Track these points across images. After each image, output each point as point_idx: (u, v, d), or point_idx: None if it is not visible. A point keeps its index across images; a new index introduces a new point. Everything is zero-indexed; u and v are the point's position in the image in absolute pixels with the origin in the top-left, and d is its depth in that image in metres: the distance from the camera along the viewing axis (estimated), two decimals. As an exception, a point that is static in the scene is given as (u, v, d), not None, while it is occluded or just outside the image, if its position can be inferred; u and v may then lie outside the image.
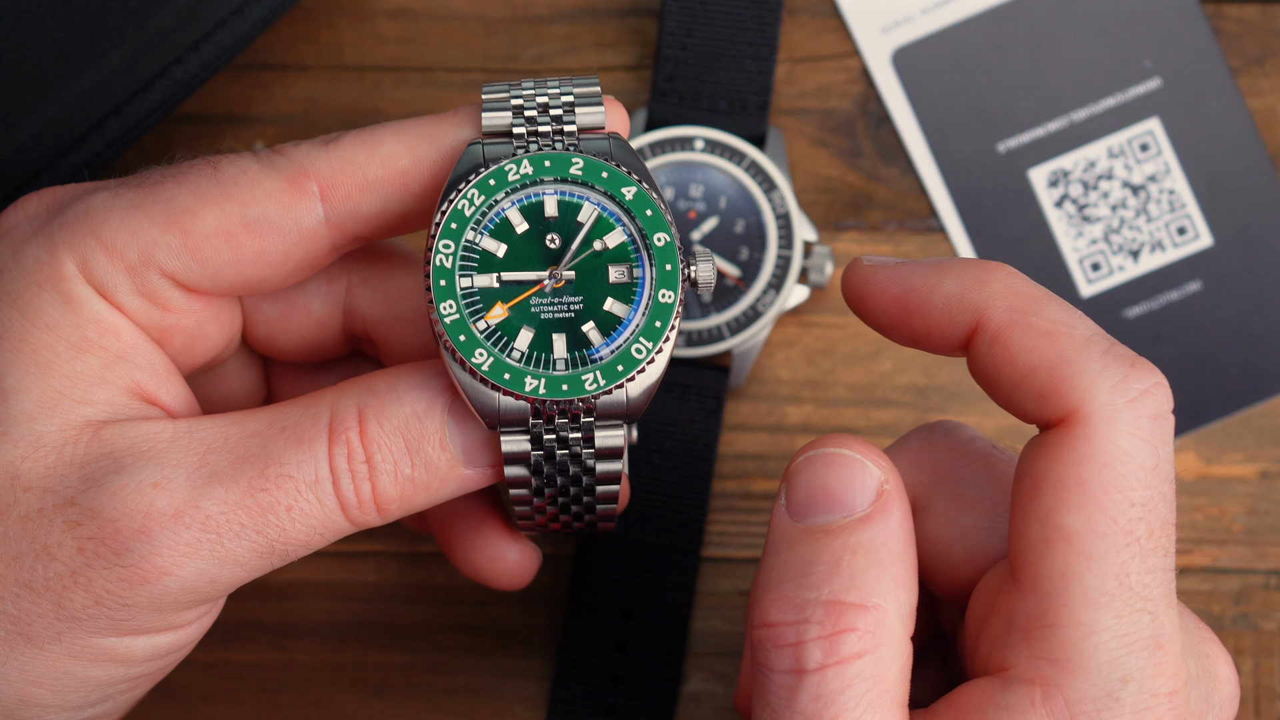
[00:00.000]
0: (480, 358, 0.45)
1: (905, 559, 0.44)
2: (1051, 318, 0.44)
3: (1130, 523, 0.42)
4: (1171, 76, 0.64)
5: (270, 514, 0.45)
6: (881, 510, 0.44)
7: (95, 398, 0.46)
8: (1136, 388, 0.43)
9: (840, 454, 0.45)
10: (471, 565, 0.53)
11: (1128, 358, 0.43)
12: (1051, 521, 0.42)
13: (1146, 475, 0.42)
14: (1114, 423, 0.42)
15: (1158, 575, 0.42)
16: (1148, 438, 0.42)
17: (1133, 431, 0.42)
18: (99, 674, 0.46)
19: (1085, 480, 0.42)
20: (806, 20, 0.64)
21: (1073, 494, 0.42)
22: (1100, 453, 0.42)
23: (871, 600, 0.43)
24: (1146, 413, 0.42)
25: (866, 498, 0.44)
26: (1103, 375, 0.43)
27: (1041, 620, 0.42)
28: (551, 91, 0.47)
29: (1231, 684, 0.45)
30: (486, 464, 0.47)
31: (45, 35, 0.55)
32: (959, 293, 0.45)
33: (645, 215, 0.46)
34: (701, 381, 0.62)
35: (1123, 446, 0.42)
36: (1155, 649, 0.42)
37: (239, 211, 0.46)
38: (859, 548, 0.43)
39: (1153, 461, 0.42)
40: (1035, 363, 0.43)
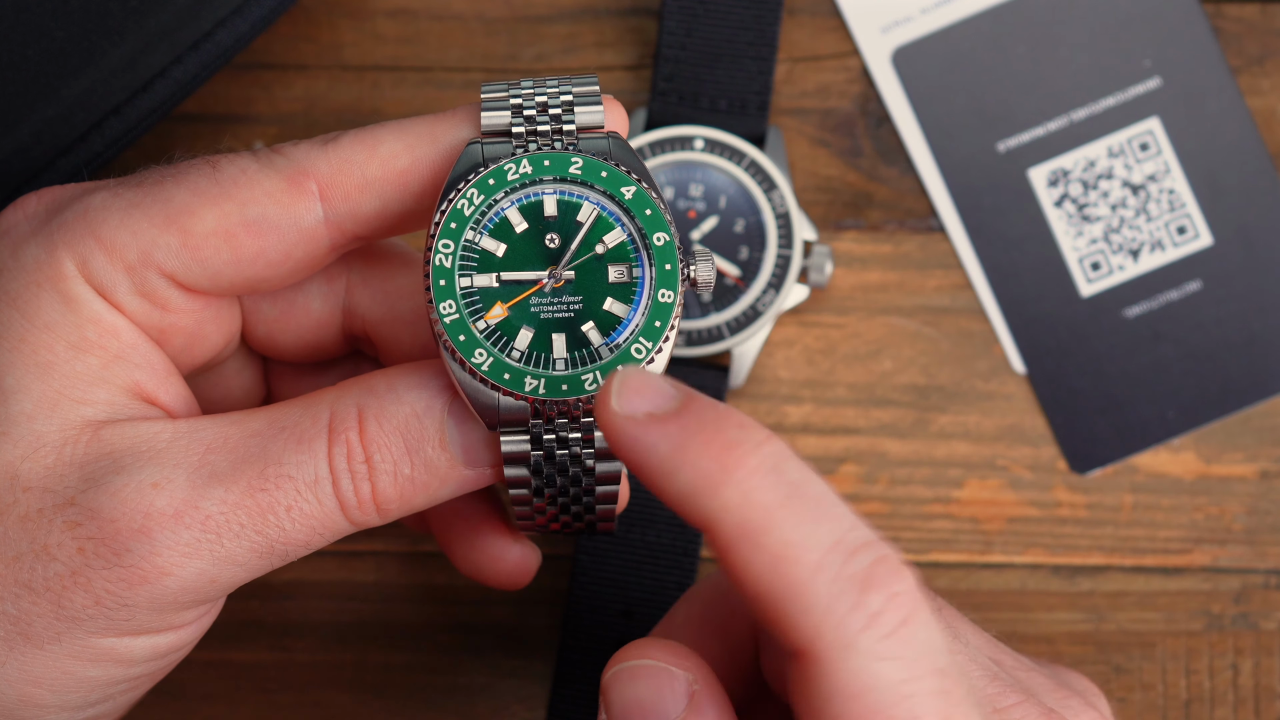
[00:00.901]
0: (480, 357, 0.45)
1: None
2: (781, 539, 0.40)
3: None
4: (1171, 76, 0.64)
5: (270, 514, 0.45)
6: (695, 712, 0.43)
7: (95, 398, 0.46)
8: (868, 612, 0.40)
9: (645, 665, 0.44)
10: (471, 565, 0.53)
11: (858, 579, 0.40)
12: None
13: (900, 690, 0.40)
14: (850, 655, 0.40)
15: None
16: (890, 655, 0.40)
17: (872, 657, 0.40)
18: (99, 674, 0.46)
19: (839, 715, 0.40)
20: (806, 20, 0.64)
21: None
22: (844, 686, 0.40)
23: None
24: (883, 633, 0.40)
25: (679, 704, 0.43)
26: (831, 609, 0.40)
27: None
28: (550, 90, 0.47)
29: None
30: (486, 464, 0.47)
31: (45, 35, 0.55)
32: (689, 493, 0.41)
33: (645, 215, 0.46)
34: (701, 381, 0.62)
35: (866, 674, 0.40)
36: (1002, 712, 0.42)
37: (238, 211, 0.46)
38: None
39: (903, 674, 0.40)
40: (763, 591, 0.40)
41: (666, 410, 0.42)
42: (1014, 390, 0.63)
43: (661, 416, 0.41)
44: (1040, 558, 0.63)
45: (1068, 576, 0.63)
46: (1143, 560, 0.63)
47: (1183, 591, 0.63)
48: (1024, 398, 0.63)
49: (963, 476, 0.63)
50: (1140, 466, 0.63)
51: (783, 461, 0.41)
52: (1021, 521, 0.63)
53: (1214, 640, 0.62)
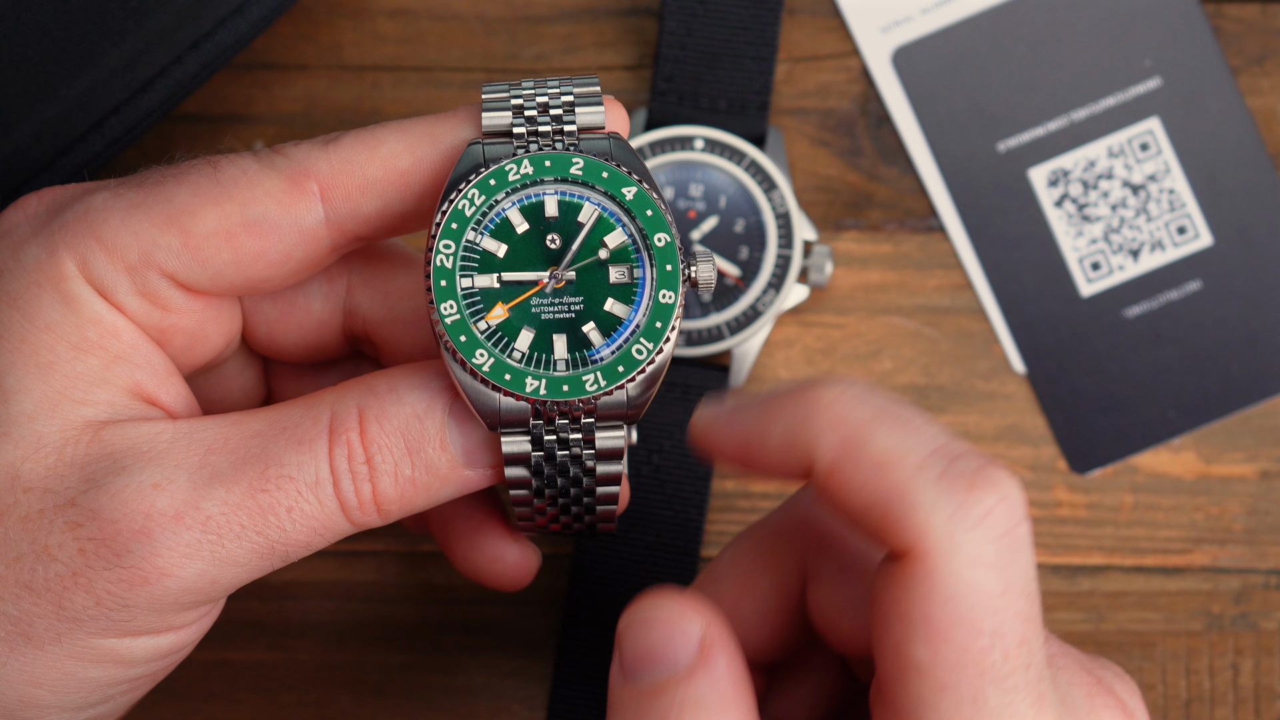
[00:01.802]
0: (481, 358, 0.45)
1: (736, 704, 0.43)
2: (882, 446, 0.42)
3: (981, 652, 0.41)
4: (1171, 76, 0.64)
5: (271, 515, 0.45)
6: (704, 661, 0.43)
7: (96, 398, 0.46)
8: (976, 513, 0.41)
9: (658, 614, 0.44)
10: (471, 565, 0.53)
11: (966, 478, 0.41)
12: (902, 654, 0.41)
13: (994, 602, 0.41)
14: (954, 555, 0.41)
15: (1020, 692, 0.41)
16: (992, 563, 0.41)
17: (975, 561, 0.41)
18: (99, 675, 0.46)
19: (930, 615, 0.41)
20: (806, 20, 0.64)
21: (919, 629, 0.41)
22: (942, 588, 0.41)
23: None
24: (990, 536, 0.41)
25: (689, 651, 0.43)
26: (937, 507, 0.41)
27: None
28: (551, 91, 0.47)
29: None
30: (487, 465, 0.47)
31: (45, 35, 0.55)
32: (788, 436, 0.43)
33: (645, 215, 0.46)
34: (701, 381, 0.62)
35: (965, 579, 0.41)
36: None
37: (239, 211, 0.46)
38: (685, 703, 0.43)
39: (1000, 586, 0.41)
40: (868, 500, 0.41)
41: (749, 403, 0.44)
42: (1014, 390, 0.63)
43: (745, 405, 0.44)
44: (1040, 557, 0.63)
45: (1068, 576, 0.63)
46: (1143, 560, 0.63)
47: (1183, 591, 0.63)
48: (1024, 398, 0.63)
49: (963, 476, 0.63)
50: (1140, 466, 0.63)
51: (865, 389, 0.43)
52: (1021, 521, 0.63)
53: (1214, 640, 0.63)
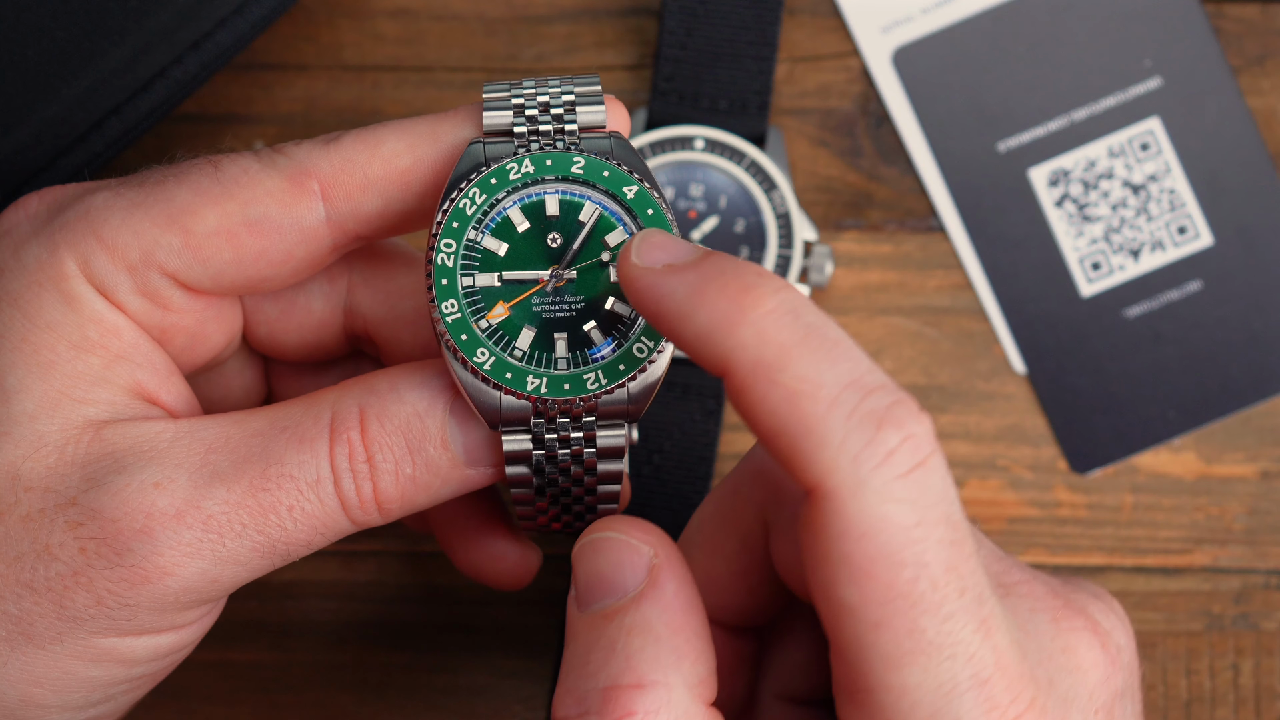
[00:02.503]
0: (482, 357, 0.45)
1: (685, 628, 0.43)
2: (796, 374, 0.40)
3: (906, 584, 0.40)
4: (1171, 76, 0.64)
5: (272, 514, 0.45)
6: (652, 585, 0.43)
7: (96, 397, 0.46)
8: (882, 450, 0.40)
9: (607, 537, 0.44)
10: (472, 565, 0.53)
11: (875, 415, 0.40)
12: (832, 597, 0.41)
13: (909, 534, 0.40)
14: (861, 493, 0.40)
15: (958, 619, 0.40)
16: (902, 497, 0.40)
17: (884, 496, 0.40)
18: (100, 674, 0.46)
19: (848, 554, 0.40)
20: (806, 20, 0.64)
21: (841, 570, 0.40)
22: (854, 525, 0.40)
23: (650, 678, 0.42)
24: (896, 472, 0.40)
25: (637, 576, 0.43)
26: (844, 444, 0.40)
27: (856, 685, 0.41)
28: (552, 90, 0.47)
29: (1100, 666, 0.44)
30: (488, 463, 0.47)
31: (45, 35, 0.55)
32: (706, 332, 0.41)
33: (646, 214, 0.46)
34: (701, 381, 0.62)
35: (876, 514, 0.40)
36: (979, 686, 0.41)
37: (240, 211, 0.46)
38: (633, 627, 0.43)
39: (913, 519, 0.40)
40: (778, 427, 0.40)
41: (685, 261, 0.42)
42: (1014, 390, 0.63)
43: (679, 266, 0.42)
44: (1041, 558, 0.63)
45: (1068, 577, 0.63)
46: (1143, 560, 0.63)
47: (1183, 592, 0.63)
48: (1024, 398, 0.63)
49: (963, 476, 0.63)
50: (1140, 466, 0.63)
51: (800, 305, 0.41)
52: (1022, 521, 0.63)
53: (1214, 640, 0.63)
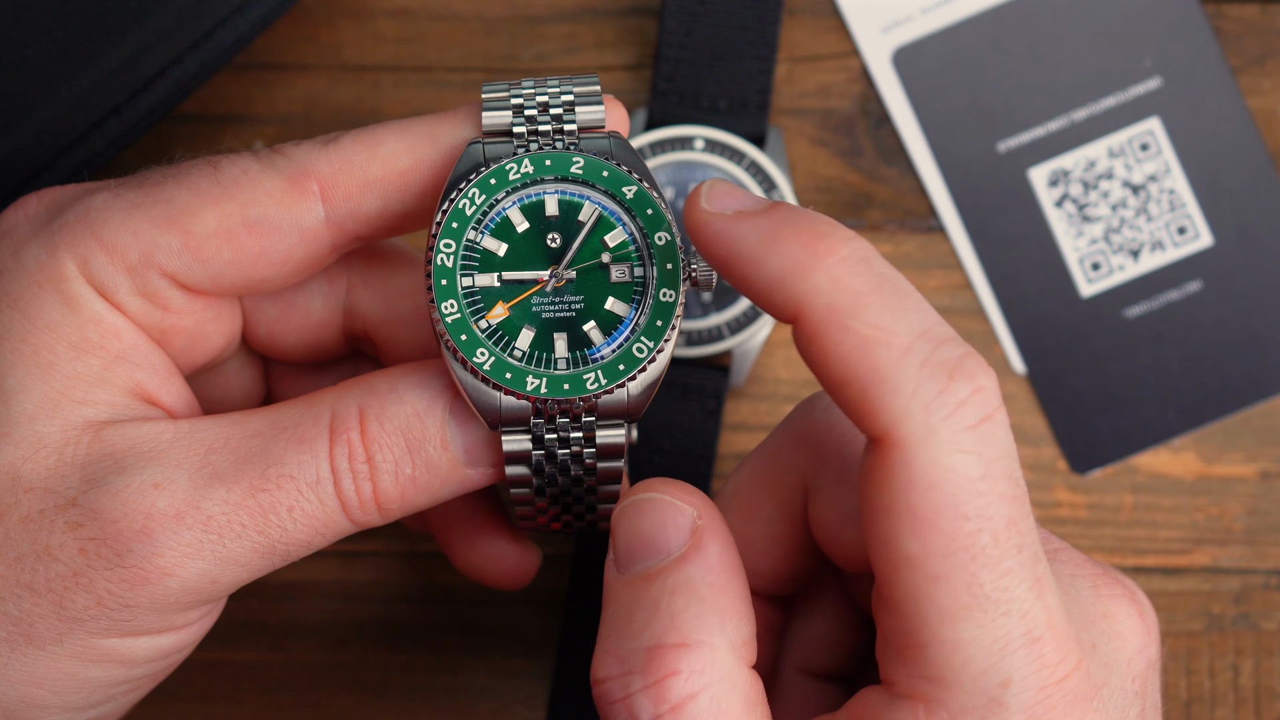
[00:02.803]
0: (482, 357, 0.45)
1: (729, 590, 0.43)
2: (870, 322, 0.41)
3: (969, 536, 0.40)
4: (1171, 76, 0.64)
5: (271, 514, 0.45)
6: (696, 547, 0.43)
7: (96, 398, 0.46)
8: (953, 400, 0.41)
9: (650, 498, 0.44)
10: (471, 565, 0.53)
11: (947, 366, 0.41)
12: (892, 549, 0.41)
13: (975, 486, 0.40)
14: (931, 443, 0.40)
15: (1015, 575, 0.41)
16: (970, 448, 0.40)
17: (953, 447, 0.40)
18: (100, 675, 0.46)
19: (913, 505, 0.40)
20: (806, 20, 0.64)
21: (904, 520, 0.41)
22: (922, 475, 0.40)
23: (694, 638, 0.42)
24: (966, 424, 0.40)
25: (680, 537, 0.43)
26: (917, 393, 0.40)
27: (908, 640, 0.41)
28: (551, 90, 0.47)
29: (1139, 635, 0.44)
30: (488, 463, 0.47)
31: (45, 35, 0.55)
32: (779, 277, 0.42)
33: (646, 214, 0.46)
34: (701, 381, 0.62)
35: (944, 465, 0.40)
36: (1031, 644, 0.41)
37: (239, 212, 0.46)
38: (677, 588, 0.43)
39: (979, 471, 0.41)
40: (849, 374, 0.41)
41: (756, 209, 0.43)
42: (1014, 390, 0.63)
43: (751, 212, 0.43)
44: (1040, 558, 0.63)
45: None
46: (1143, 560, 0.63)
47: (1183, 592, 0.63)
48: (1024, 398, 0.63)
49: (963, 476, 0.63)
50: (1140, 467, 0.63)
51: (872, 255, 0.42)
52: (1022, 521, 0.63)
53: (1214, 640, 0.63)
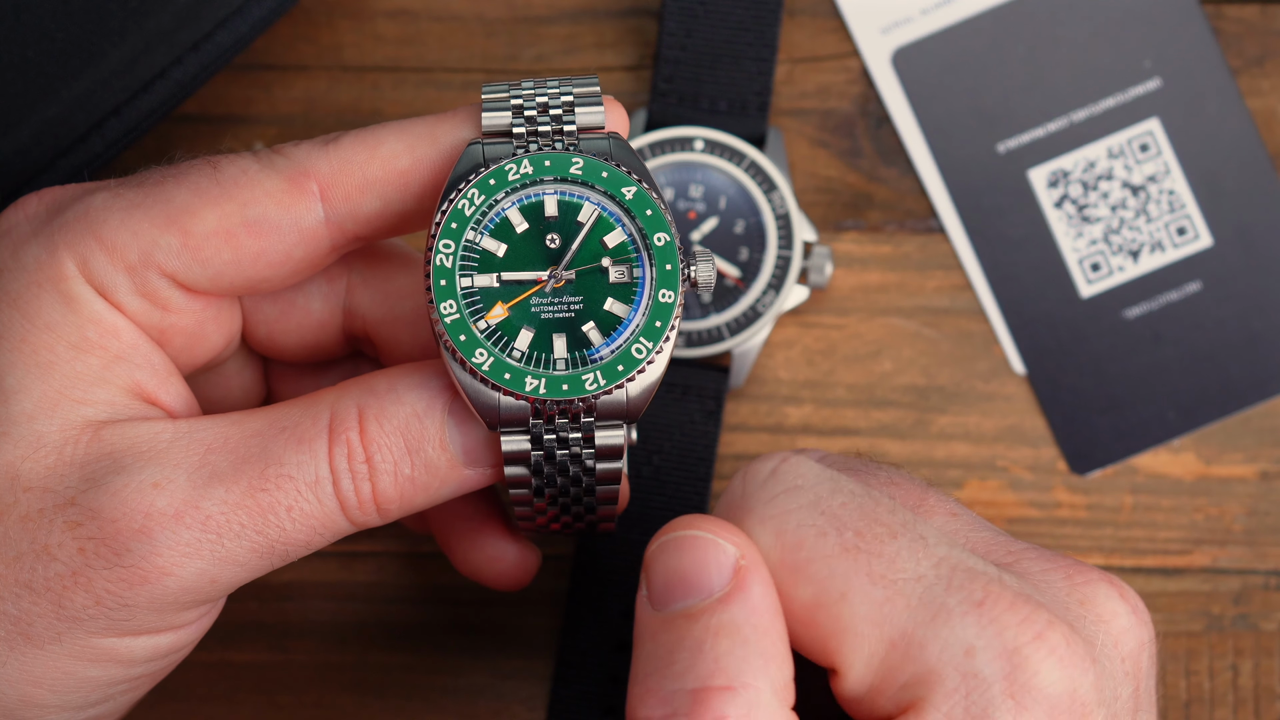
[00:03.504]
0: (480, 357, 0.45)
1: (771, 632, 0.43)
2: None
3: (835, 544, 0.42)
4: (1171, 76, 0.64)
5: (270, 514, 0.45)
6: (740, 587, 0.43)
7: (95, 398, 0.46)
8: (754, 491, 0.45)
9: (692, 536, 0.44)
10: (471, 566, 0.53)
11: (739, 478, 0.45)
12: (797, 608, 0.43)
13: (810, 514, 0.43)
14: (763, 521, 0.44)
15: (905, 555, 0.42)
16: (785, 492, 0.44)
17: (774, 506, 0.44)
18: (99, 674, 0.46)
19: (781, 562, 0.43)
20: (806, 20, 0.64)
21: (788, 580, 0.43)
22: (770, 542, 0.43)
23: (740, 680, 0.42)
24: (776, 491, 0.44)
25: (723, 577, 0.43)
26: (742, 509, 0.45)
27: (866, 669, 0.42)
28: (551, 91, 0.47)
29: (1122, 615, 0.43)
30: (486, 464, 0.47)
31: (45, 35, 0.55)
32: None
33: (645, 215, 0.46)
34: (701, 382, 0.62)
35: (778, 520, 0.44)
36: (976, 607, 0.41)
37: (239, 211, 0.46)
38: (720, 629, 0.42)
39: (807, 501, 0.44)
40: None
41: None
42: (1014, 391, 0.63)
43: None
44: (1040, 558, 0.63)
45: (1068, 577, 0.63)
46: (1142, 561, 0.63)
47: (1182, 592, 0.63)
48: (1024, 398, 0.63)
49: (963, 477, 0.63)
50: (1140, 467, 0.63)
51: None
52: (1021, 522, 0.63)
53: (1214, 641, 0.62)
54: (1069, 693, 0.41)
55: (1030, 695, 0.40)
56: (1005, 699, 0.40)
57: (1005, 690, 0.40)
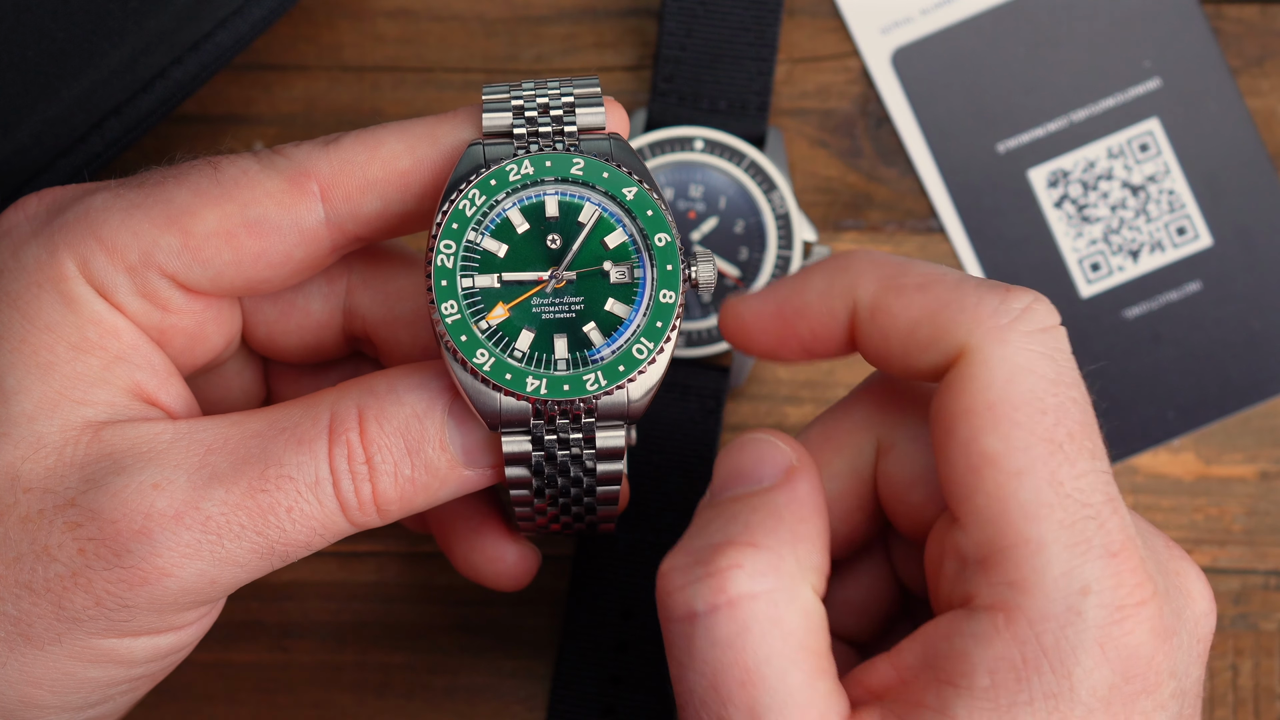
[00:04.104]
0: (482, 358, 0.45)
1: (810, 520, 0.44)
2: (920, 273, 0.45)
3: (1048, 430, 0.42)
4: (1171, 76, 0.64)
5: (270, 515, 0.45)
6: (787, 481, 0.45)
7: (95, 398, 0.46)
8: (1016, 307, 0.43)
9: (755, 439, 0.46)
10: (471, 566, 0.53)
11: (1000, 286, 0.44)
12: (973, 450, 0.42)
13: (1050, 384, 0.43)
14: (1005, 343, 0.43)
15: (1091, 478, 0.42)
16: (1041, 349, 0.43)
17: (1025, 346, 0.43)
18: (99, 675, 0.46)
19: (994, 402, 0.42)
20: (806, 20, 0.64)
21: (985, 418, 0.42)
22: (1000, 374, 0.42)
23: (764, 542, 0.43)
24: (1033, 327, 0.43)
25: (775, 471, 0.45)
26: (981, 304, 0.43)
27: (990, 547, 0.42)
28: (552, 92, 0.47)
29: (1205, 600, 0.45)
30: (486, 465, 0.47)
31: (45, 35, 0.55)
32: (827, 284, 0.46)
33: (646, 216, 0.46)
34: (701, 382, 0.62)
35: (1019, 362, 0.43)
36: (1110, 557, 0.42)
37: (239, 212, 0.46)
38: (759, 505, 0.44)
39: (1053, 372, 0.43)
40: (916, 315, 0.44)
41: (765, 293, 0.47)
42: (1014, 391, 0.63)
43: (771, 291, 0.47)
44: (1040, 558, 0.63)
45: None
46: (1142, 561, 0.63)
47: (1182, 592, 0.63)
48: (1024, 398, 0.63)
49: (962, 477, 0.63)
50: (1140, 467, 0.63)
51: (878, 251, 0.46)
52: (1021, 522, 0.63)
53: (1214, 641, 0.62)
54: (1148, 659, 0.42)
55: (1116, 650, 0.42)
56: (1094, 645, 0.41)
57: (1097, 638, 0.41)
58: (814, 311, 0.46)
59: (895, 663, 0.44)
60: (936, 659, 0.43)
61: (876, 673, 0.44)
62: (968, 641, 0.42)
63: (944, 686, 0.42)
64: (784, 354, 0.47)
